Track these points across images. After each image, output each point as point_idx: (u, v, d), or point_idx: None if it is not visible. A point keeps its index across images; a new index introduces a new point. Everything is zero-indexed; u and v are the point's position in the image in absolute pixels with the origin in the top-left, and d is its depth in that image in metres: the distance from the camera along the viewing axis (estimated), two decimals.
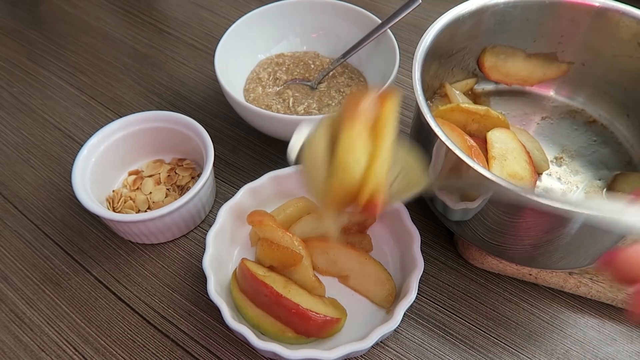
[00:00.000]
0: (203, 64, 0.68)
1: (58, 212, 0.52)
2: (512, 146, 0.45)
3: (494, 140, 0.45)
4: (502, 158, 0.44)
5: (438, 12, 0.47)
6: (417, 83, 0.41)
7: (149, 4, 0.78)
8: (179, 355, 0.42)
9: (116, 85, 0.65)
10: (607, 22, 0.48)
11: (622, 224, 0.26)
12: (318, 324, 0.38)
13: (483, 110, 0.47)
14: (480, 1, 0.48)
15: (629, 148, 0.51)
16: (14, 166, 0.56)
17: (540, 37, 0.52)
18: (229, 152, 0.57)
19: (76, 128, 0.60)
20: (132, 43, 0.72)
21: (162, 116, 0.51)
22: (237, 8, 0.77)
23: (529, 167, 0.44)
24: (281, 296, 0.38)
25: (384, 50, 0.57)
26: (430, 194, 0.27)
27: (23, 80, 0.67)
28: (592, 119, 0.54)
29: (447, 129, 0.44)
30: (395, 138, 0.32)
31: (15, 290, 0.46)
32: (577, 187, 0.49)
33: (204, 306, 0.45)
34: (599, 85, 0.53)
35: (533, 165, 0.45)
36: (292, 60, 0.62)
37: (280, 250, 0.42)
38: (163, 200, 0.50)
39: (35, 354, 0.42)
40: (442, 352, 0.42)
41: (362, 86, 0.59)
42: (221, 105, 0.62)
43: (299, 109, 0.55)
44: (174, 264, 0.48)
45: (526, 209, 0.35)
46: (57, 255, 0.48)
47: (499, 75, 0.56)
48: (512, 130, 0.47)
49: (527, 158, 0.45)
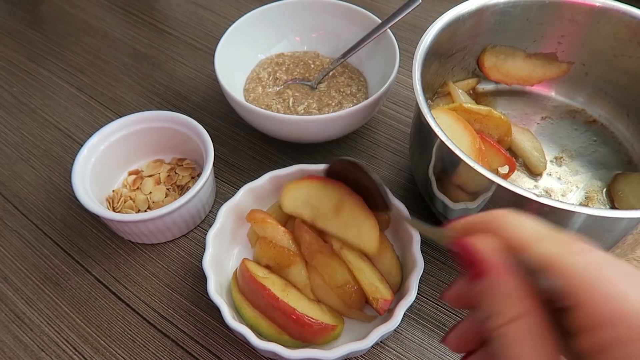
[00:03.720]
0: (203, 63, 0.68)
1: (58, 212, 0.52)
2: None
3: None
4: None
5: (438, 12, 0.47)
6: (417, 83, 0.41)
7: (149, 4, 0.78)
8: (179, 355, 0.42)
9: (116, 85, 0.65)
10: (607, 22, 0.48)
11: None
12: (314, 329, 0.37)
13: (485, 110, 0.47)
14: (480, 1, 0.48)
15: (628, 148, 0.51)
16: (14, 166, 0.56)
17: (540, 37, 0.52)
18: (229, 152, 0.57)
19: (76, 128, 0.60)
20: (132, 43, 0.72)
21: (162, 116, 0.51)
22: (237, 8, 0.77)
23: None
24: (278, 299, 0.38)
25: (384, 50, 0.57)
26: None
27: (23, 80, 0.67)
28: (592, 118, 0.54)
29: (460, 125, 0.44)
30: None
31: (15, 290, 0.46)
32: (577, 187, 0.49)
33: (204, 306, 0.45)
34: (599, 85, 0.53)
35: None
36: (292, 60, 0.62)
37: (276, 250, 0.42)
38: (163, 200, 0.50)
39: (35, 354, 0.42)
40: (442, 352, 0.42)
41: (362, 86, 0.59)
42: (221, 105, 0.62)
43: (299, 109, 0.55)
44: (174, 264, 0.48)
45: (526, 209, 0.35)
46: (57, 255, 0.48)
47: (499, 75, 0.56)
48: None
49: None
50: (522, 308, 0.21)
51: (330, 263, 0.41)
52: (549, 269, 0.20)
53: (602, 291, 0.18)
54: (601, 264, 0.19)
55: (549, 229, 0.22)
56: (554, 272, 0.20)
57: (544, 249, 0.21)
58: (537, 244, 0.21)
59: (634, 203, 0.46)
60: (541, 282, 0.21)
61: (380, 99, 0.50)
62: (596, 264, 0.19)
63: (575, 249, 0.20)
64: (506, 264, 0.22)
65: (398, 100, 0.63)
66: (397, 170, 0.55)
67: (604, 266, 0.19)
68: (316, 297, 0.42)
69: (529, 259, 0.21)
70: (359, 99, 0.57)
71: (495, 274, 0.21)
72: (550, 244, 0.21)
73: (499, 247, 0.22)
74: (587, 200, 0.48)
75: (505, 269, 0.21)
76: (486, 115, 0.47)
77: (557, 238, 0.21)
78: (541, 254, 0.21)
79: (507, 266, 0.21)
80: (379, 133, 0.59)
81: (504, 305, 0.21)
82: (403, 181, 0.54)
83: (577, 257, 0.20)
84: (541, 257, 0.20)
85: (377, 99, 0.50)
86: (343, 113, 0.48)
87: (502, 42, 0.53)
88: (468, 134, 0.43)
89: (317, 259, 0.42)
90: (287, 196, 0.44)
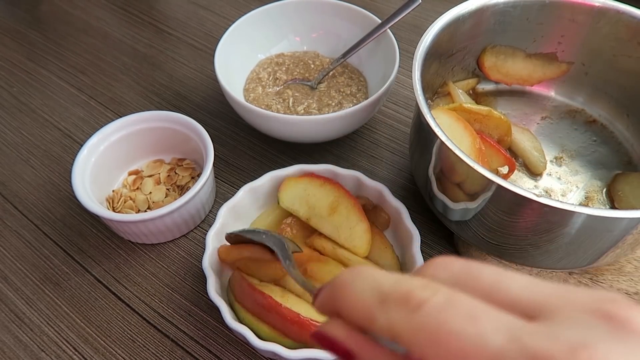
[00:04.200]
0: (203, 64, 0.68)
1: (58, 212, 0.52)
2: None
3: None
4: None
5: (438, 12, 0.47)
6: (417, 83, 0.41)
7: (149, 4, 0.78)
8: (179, 355, 0.42)
9: (116, 85, 0.65)
10: (607, 22, 0.48)
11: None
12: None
13: (485, 110, 0.47)
14: (480, 1, 0.48)
15: (628, 148, 0.51)
16: (14, 166, 0.56)
17: (540, 37, 0.52)
18: (229, 152, 0.57)
19: (76, 128, 0.60)
20: (132, 43, 0.72)
21: (162, 116, 0.51)
22: (237, 8, 0.77)
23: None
24: (280, 305, 0.37)
25: (384, 50, 0.57)
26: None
27: (23, 80, 0.67)
28: (592, 118, 0.54)
29: (460, 125, 0.44)
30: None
31: (15, 290, 0.46)
32: (577, 187, 0.49)
33: (204, 306, 0.45)
34: (598, 85, 0.53)
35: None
36: (292, 60, 0.62)
37: (267, 265, 0.41)
38: (163, 200, 0.50)
39: (35, 354, 0.42)
40: None
41: (362, 86, 0.59)
42: (221, 105, 0.62)
43: (299, 109, 0.55)
44: (174, 264, 0.48)
45: (526, 209, 0.35)
46: (57, 255, 0.48)
47: (499, 75, 0.56)
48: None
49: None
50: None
51: (325, 268, 0.41)
52: (400, 342, 0.16)
53: (446, 349, 0.15)
54: (439, 311, 0.16)
55: (393, 280, 0.18)
56: (403, 344, 0.16)
57: (385, 318, 0.17)
58: (379, 312, 0.17)
59: (634, 203, 0.46)
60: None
61: (380, 99, 0.50)
62: (432, 317, 0.16)
63: (413, 304, 0.16)
64: (366, 340, 0.18)
65: (398, 100, 0.63)
66: (397, 170, 0.55)
67: (441, 314, 0.16)
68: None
69: (378, 336, 0.18)
70: (359, 99, 0.57)
71: (360, 355, 0.18)
72: (391, 308, 0.17)
73: (351, 328, 0.19)
74: (587, 200, 0.48)
75: (367, 346, 0.18)
76: (486, 115, 0.47)
77: (393, 297, 0.17)
78: (385, 325, 0.17)
79: (368, 342, 0.18)
80: (379, 133, 0.59)
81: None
82: (403, 181, 0.54)
83: (416, 316, 0.16)
84: (387, 331, 0.17)
85: (377, 99, 0.50)
86: (343, 113, 0.48)
87: (502, 42, 0.53)
88: (468, 134, 0.43)
89: (310, 270, 0.41)
90: (285, 192, 0.44)
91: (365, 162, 0.56)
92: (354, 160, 0.56)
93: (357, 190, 0.47)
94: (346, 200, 0.43)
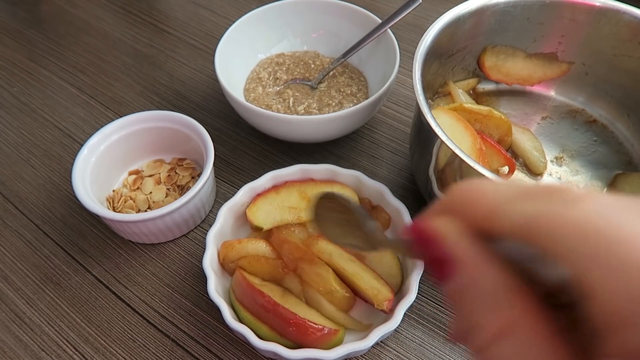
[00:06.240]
0: (203, 63, 0.68)
1: (58, 211, 0.52)
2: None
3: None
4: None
5: (438, 11, 0.47)
6: (417, 83, 0.41)
7: (149, 3, 0.78)
8: (179, 355, 0.42)
9: (116, 85, 0.65)
10: (607, 21, 0.48)
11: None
12: (316, 335, 0.37)
13: (486, 110, 0.47)
14: (480, 1, 0.48)
15: (629, 148, 0.51)
16: (14, 166, 0.56)
17: (540, 37, 0.52)
18: (229, 151, 0.57)
19: (76, 128, 0.60)
20: (132, 43, 0.72)
21: (162, 116, 0.51)
22: (237, 8, 0.77)
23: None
24: (279, 305, 0.37)
25: (384, 50, 0.57)
26: None
27: (23, 80, 0.67)
28: (593, 118, 0.54)
29: (460, 125, 0.44)
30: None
31: (15, 290, 0.46)
32: (577, 187, 0.49)
33: (204, 306, 0.45)
34: (599, 85, 0.53)
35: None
36: (292, 60, 0.62)
37: (268, 263, 0.42)
38: (163, 200, 0.50)
39: (35, 354, 0.42)
40: (442, 352, 0.42)
41: (362, 86, 0.59)
42: (221, 105, 0.62)
43: (299, 109, 0.55)
44: (174, 264, 0.48)
45: None
46: (57, 255, 0.48)
47: (499, 75, 0.56)
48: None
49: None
50: (509, 315, 0.14)
51: (314, 269, 0.41)
52: (530, 238, 0.14)
53: (619, 262, 0.12)
54: (611, 212, 0.12)
55: (529, 184, 0.16)
56: (537, 240, 0.13)
57: (518, 210, 0.14)
58: (508, 205, 0.15)
59: None
60: (535, 267, 0.15)
61: (381, 98, 0.50)
62: (602, 215, 0.12)
63: (569, 197, 0.13)
64: (480, 251, 0.16)
65: (398, 100, 0.63)
66: (397, 170, 0.55)
67: (615, 216, 0.12)
68: (311, 304, 0.41)
69: (501, 230, 0.15)
70: (359, 98, 0.57)
71: (465, 267, 0.16)
72: (527, 201, 0.14)
73: (466, 230, 0.16)
74: None
75: (479, 258, 0.15)
76: (486, 115, 0.47)
77: (538, 190, 0.14)
78: (515, 217, 0.14)
79: (481, 254, 0.16)
80: (379, 133, 0.59)
81: (483, 315, 0.15)
82: (403, 181, 0.54)
83: (571, 209, 0.13)
84: (516, 223, 0.14)
85: (378, 98, 0.50)
86: (343, 113, 0.48)
87: (503, 42, 0.53)
88: (469, 134, 0.43)
89: (300, 268, 0.41)
90: (255, 216, 0.45)
91: (366, 162, 0.56)
92: (354, 160, 0.56)
93: (357, 190, 0.47)
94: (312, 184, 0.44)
